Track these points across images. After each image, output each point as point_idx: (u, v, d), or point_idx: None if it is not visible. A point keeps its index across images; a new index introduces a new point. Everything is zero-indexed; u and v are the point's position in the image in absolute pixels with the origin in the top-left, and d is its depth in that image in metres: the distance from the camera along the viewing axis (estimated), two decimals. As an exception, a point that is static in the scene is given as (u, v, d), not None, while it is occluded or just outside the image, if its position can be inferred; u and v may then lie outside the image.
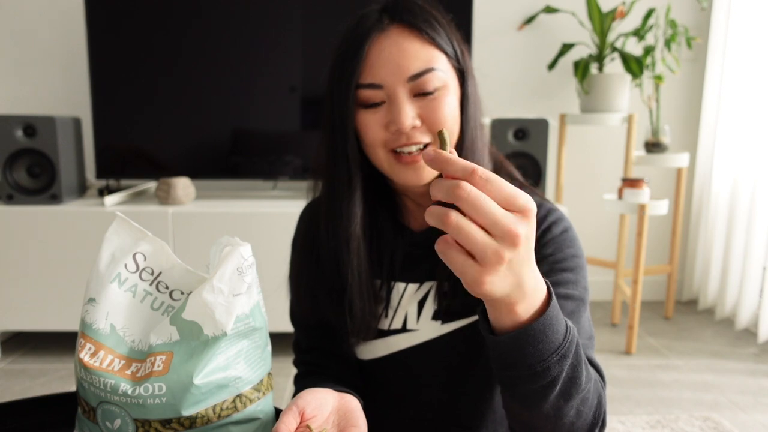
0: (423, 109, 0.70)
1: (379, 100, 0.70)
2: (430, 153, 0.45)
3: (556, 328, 0.54)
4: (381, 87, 0.69)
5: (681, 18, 2.66)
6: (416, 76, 0.68)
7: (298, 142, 2.39)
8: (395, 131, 0.69)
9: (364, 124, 0.71)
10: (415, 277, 0.79)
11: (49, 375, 2.06)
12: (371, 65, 0.69)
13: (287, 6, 2.28)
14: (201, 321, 0.54)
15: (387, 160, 0.72)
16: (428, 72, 0.69)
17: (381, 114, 0.70)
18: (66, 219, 2.06)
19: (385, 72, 0.69)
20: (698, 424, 1.76)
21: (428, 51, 0.69)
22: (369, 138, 0.71)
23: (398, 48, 0.69)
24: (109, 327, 0.56)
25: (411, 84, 0.69)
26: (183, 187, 2.17)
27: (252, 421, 0.57)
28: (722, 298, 2.58)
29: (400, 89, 0.69)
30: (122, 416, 0.53)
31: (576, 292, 0.73)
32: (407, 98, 0.69)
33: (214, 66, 2.30)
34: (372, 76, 0.69)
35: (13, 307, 2.11)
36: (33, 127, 2.04)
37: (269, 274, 1.76)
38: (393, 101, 0.69)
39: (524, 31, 2.70)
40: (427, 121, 0.70)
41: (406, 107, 0.69)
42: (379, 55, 0.69)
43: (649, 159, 2.44)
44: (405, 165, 0.71)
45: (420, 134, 0.70)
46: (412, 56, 0.68)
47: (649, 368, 2.17)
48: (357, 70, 0.69)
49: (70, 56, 2.54)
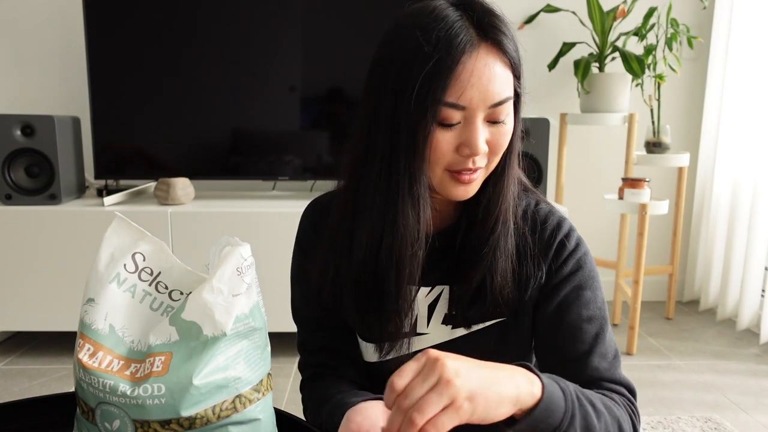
0: (492, 135, 0.68)
1: (457, 121, 0.67)
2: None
3: (555, 407, 0.59)
4: (464, 108, 0.66)
5: (682, 17, 2.66)
6: (497, 104, 0.66)
7: (298, 142, 2.38)
8: (467, 155, 0.67)
9: (436, 142, 0.67)
10: (428, 281, 0.78)
11: (48, 375, 2.05)
12: (461, 85, 0.65)
13: (287, 6, 2.28)
14: (200, 321, 0.54)
15: (442, 178, 0.70)
16: (507, 101, 0.68)
17: (454, 134, 0.67)
18: (65, 219, 2.06)
19: (473, 94, 0.65)
20: (699, 424, 1.75)
21: (508, 75, 0.67)
22: (436, 156, 0.68)
23: (489, 71, 0.65)
24: (108, 327, 0.55)
25: (490, 111, 0.67)
26: (182, 187, 2.17)
27: (252, 422, 0.56)
28: (723, 298, 2.57)
29: (480, 114, 0.66)
30: (121, 417, 0.52)
31: (597, 312, 0.74)
32: (483, 123, 0.67)
33: (213, 65, 2.30)
34: (459, 97, 0.65)
35: (12, 308, 2.10)
36: (32, 127, 2.04)
37: (269, 274, 1.75)
38: (470, 124, 0.67)
39: (525, 31, 2.70)
40: (492, 148, 0.69)
41: (481, 133, 0.67)
42: (470, 74, 0.65)
43: (650, 159, 2.44)
44: (460, 184, 0.70)
45: (482, 159, 0.69)
46: (499, 82, 0.66)
47: (649, 369, 2.16)
48: (447, 86, 0.64)
49: (69, 56, 2.53)
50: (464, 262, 0.75)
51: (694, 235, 2.85)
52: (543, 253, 0.76)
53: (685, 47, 2.69)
